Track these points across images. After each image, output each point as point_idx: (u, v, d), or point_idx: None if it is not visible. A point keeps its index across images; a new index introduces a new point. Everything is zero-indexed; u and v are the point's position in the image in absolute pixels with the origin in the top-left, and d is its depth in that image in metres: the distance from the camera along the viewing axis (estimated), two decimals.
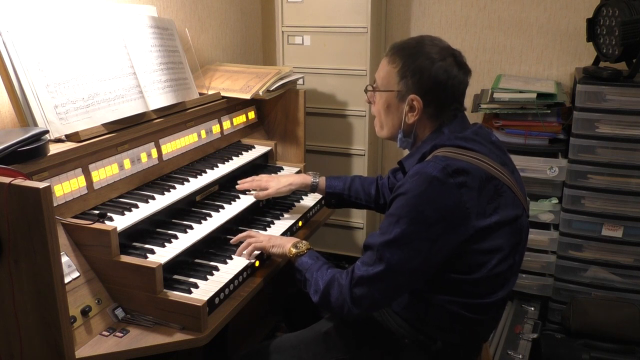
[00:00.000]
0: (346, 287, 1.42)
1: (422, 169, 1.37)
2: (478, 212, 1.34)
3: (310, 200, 2.14)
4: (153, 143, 1.84)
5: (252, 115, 2.41)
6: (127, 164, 1.73)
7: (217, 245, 1.75)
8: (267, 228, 1.91)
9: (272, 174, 2.07)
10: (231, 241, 1.74)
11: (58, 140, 1.55)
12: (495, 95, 2.49)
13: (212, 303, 1.48)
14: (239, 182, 2.00)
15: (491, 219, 1.36)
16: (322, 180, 1.99)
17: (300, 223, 2.00)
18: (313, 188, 1.98)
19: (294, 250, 1.61)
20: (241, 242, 1.72)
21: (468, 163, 1.37)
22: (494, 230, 1.37)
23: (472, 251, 1.37)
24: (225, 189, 2.00)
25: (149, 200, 1.69)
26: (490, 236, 1.37)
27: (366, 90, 1.60)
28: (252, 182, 1.99)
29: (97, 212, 1.55)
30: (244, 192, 1.98)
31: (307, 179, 1.98)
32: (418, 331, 1.50)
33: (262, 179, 1.99)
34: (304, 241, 1.65)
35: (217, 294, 1.51)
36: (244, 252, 1.68)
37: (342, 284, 1.43)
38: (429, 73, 1.44)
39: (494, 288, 1.43)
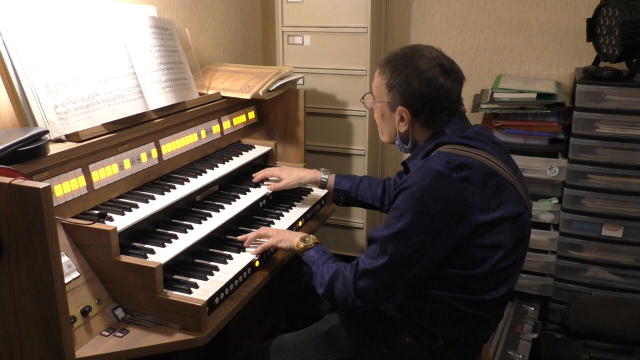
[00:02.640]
0: (350, 280, 1.44)
1: (426, 163, 1.40)
2: (481, 206, 1.36)
3: (310, 200, 2.14)
4: (153, 143, 1.84)
5: (252, 115, 2.41)
6: (127, 164, 1.73)
7: (217, 245, 1.75)
8: None
9: (283, 166, 2.13)
10: (240, 239, 1.75)
11: (58, 140, 1.55)
12: (495, 95, 2.49)
13: (212, 303, 1.48)
14: (254, 175, 2.07)
15: (494, 214, 1.38)
16: (331, 178, 2.03)
17: (300, 223, 2.00)
18: (322, 184, 2.04)
19: (301, 244, 1.64)
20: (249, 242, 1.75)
21: (471, 158, 1.39)
22: (497, 225, 1.39)
23: (475, 246, 1.38)
24: (225, 189, 2.00)
25: (149, 200, 1.69)
26: (493, 231, 1.38)
27: (362, 100, 1.70)
28: (265, 171, 2.06)
29: (97, 212, 1.55)
30: (247, 189, 2.00)
31: (318, 174, 2.04)
32: (420, 329, 1.50)
33: (275, 170, 2.07)
34: (311, 235, 1.67)
35: (217, 294, 1.51)
36: (253, 249, 1.71)
37: (346, 277, 1.45)
38: (414, 86, 1.47)
39: (496, 284, 1.44)
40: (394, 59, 1.52)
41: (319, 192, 2.17)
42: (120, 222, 1.55)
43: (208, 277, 1.57)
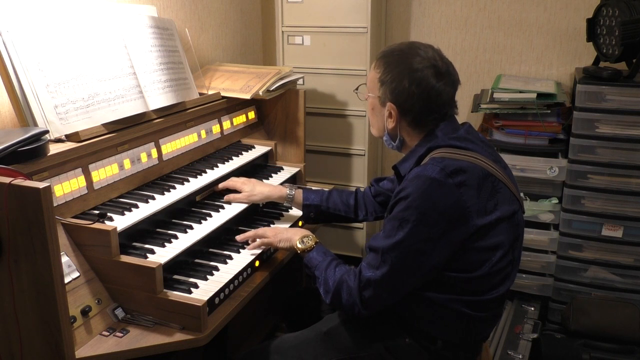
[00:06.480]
0: (355, 290, 1.44)
1: (422, 172, 1.39)
2: (478, 210, 1.36)
3: None
4: (153, 143, 1.84)
5: (252, 115, 2.41)
6: (127, 164, 1.73)
7: (217, 245, 1.75)
8: None
9: (252, 179, 1.99)
10: (237, 239, 1.74)
11: (58, 140, 1.55)
12: (495, 95, 2.49)
13: (212, 303, 1.48)
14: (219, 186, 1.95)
15: (492, 215, 1.38)
16: (298, 193, 1.94)
17: (300, 223, 2.00)
18: (289, 200, 1.94)
19: (300, 246, 1.63)
20: (246, 242, 1.75)
21: (465, 162, 1.39)
22: (494, 226, 1.39)
23: (474, 249, 1.38)
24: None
25: (149, 200, 1.69)
26: (491, 233, 1.39)
27: (355, 90, 1.70)
28: (228, 182, 1.95)
29: (97, 212, 1.55)
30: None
31: (283, 190, 1.94)
32: (419, 331, 1.50)
33: (238, 182, 1.94)
34: (311, 235, 1.66)
35: (217, 294, 1.51)
36: (250, 245, 1.71)
37: (350, 287, 1.45)
38: (404, 85, 1.45)
39: (495, 284, 1.44)
40: (389, 53, 1.51)
41: None
42: (120, 222, 1.55)
43: (208, 277, 1.57)
